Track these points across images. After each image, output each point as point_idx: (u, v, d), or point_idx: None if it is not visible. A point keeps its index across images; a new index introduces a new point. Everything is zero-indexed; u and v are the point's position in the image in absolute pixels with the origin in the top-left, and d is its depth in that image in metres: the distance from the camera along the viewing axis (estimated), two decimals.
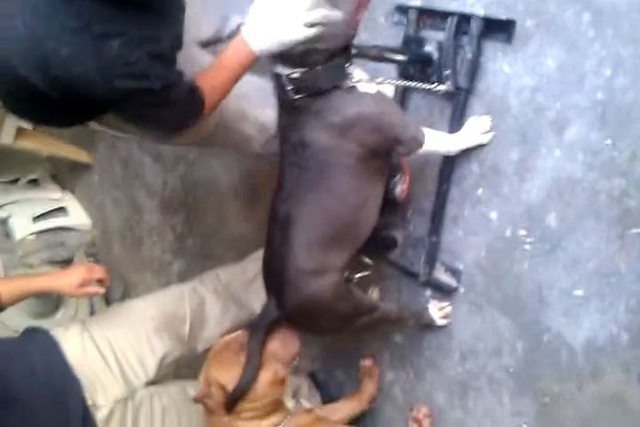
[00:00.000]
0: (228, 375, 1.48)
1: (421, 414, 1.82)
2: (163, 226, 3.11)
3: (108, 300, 3.46)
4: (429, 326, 1.77)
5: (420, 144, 1.49)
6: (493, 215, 1.60)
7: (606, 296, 1.39)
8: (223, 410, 1.49)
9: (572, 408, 1.50)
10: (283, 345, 1.53)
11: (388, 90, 1.71)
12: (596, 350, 1.43)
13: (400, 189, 1.68)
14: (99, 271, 1.71)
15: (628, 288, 1.35)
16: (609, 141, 1.35)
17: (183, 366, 1.97)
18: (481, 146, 1.59)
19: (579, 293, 1.44)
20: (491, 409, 1.68)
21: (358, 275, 1.65)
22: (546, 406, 1.55)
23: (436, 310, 1.73)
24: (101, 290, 1.73)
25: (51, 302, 3.33)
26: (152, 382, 1.78)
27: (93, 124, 1.56)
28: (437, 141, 1.54)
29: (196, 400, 1.52)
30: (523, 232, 1.54)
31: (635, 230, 1.33)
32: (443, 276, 1.73)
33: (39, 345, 1.62)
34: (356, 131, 1.37)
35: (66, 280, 1.65)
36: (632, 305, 1.35)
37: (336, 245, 1.46)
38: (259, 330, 1.51)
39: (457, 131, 1.58)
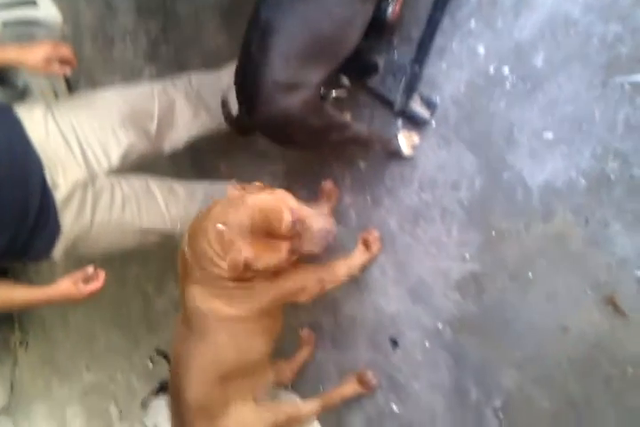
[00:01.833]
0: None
1: (372, 237, 1.94)
2: (137, 29, 2.95)
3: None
4: (394, 155, 1.81)
5: None
6: (481, 50, 1.58)
7: (574, 142, 1.44)
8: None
9: (516, 244, 1.62)
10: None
11: None
12: (552, 192, 1.51)
13: (392, 9, 1.62)
14: (66, 50, 1.67)
15: (597, 136, 1.40)
16: None
17: (148, 169, 1.99)
18: None
19: (549, 136, 1.48)
20: (438, 238, 1.80)
21: (334, 93, 1.64)
22: (491, 240, 1.67)
23: (405, 140, 1.77)
24: (67, 71, 1.69)
25: (16, 93, 3.26)
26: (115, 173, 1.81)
27: None
28: None
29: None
30: (506, 70, 1.54)
31: (618, 79, 1.35)
32: (418, 107, 1.73)
33: (0, 121, 1.61)
34: None
35: (32, 54, 1.61)
36: (597, 153, 1.41)
37: (315, 60, 1.43)
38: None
39: None
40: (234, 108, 1.57)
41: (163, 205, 1.89)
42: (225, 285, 1.58)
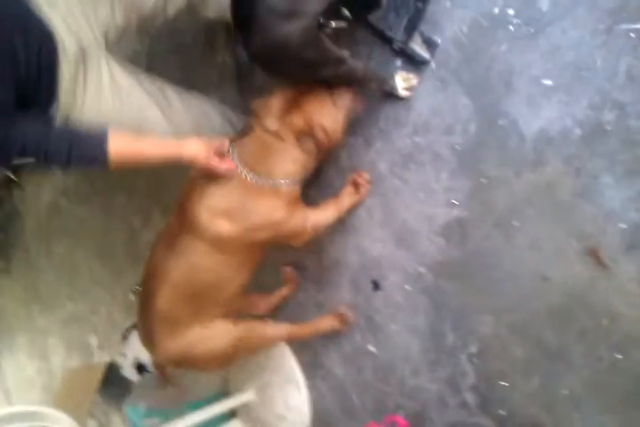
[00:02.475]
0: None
1: (362, 179, 1.95)
2: None
3: None
4: (390, 95, 1.80)
5: None
6: None
7: (573, 90, 1.45)
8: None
9: (505, 192, 1.64)
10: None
11: None
12: (545, 141, 1.52)
13: None
14: None
15: (597, 84, 1.40)
16: None
17: None
18: None
19: (548, 82, 1.48)
20: (427, 183, 1.81)
21: (333, 24, 1.62)
22: (480, 187, 1.69)
23: (402, 81, 1.76)
24: None
25: None
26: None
27: None
28: None
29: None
30: (511, 11, 1.52)
31: (624, 26, 1.34)
32: (418, 47, 1.72)
33: None
34: None
35: None
36: (595, 102, 1.41)
37: None
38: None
39: None
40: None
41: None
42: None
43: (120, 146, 1.57)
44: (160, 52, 2.78)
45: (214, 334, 1.87)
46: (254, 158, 1.71)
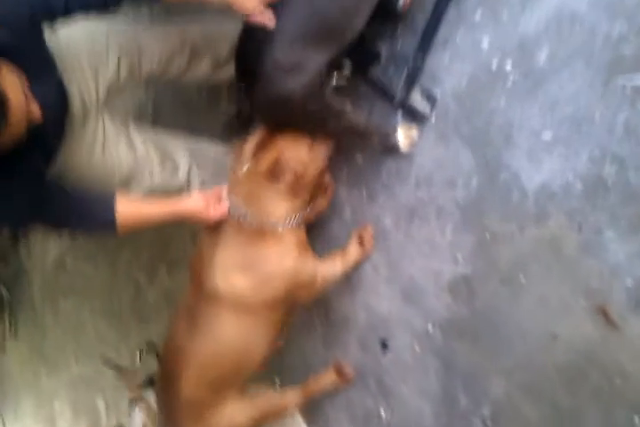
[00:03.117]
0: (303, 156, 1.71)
1: (367, 233, 1.98)
2: None
3: None
4: (392, 150, 1.84)
5: None
6: (485, 43, 1.62)
7: (573, 143, 1.47)
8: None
9: (509, 247, 1.65)
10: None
11: None
12: (548, 196, 1.54)
13: (403, 1, 1.67)
14: None
15: (596, 138, 1.43)
16: None
17: None
18: None
19: (547, 136, 1.51)
20: (431, 238, 1.83)
21: (335, 80, 1.69)
22: (485, 242, 1.70)
23: (404, 134, 1.80)
24: None
25: None
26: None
27: None
28: None
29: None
30: (509, 66, 1.57)
31: (621, 80, 1.37)
32: (418, 101, 1.77)
33: None
34: None
35: None
36: (595, 156, 1.43)
37: (318, 43, 1.48)
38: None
39: None
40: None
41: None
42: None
43: (126, 210, 1.65)
44: (165, 102, 2.88)
45: (235, 413, 1.88)
46: (246, 202, 1.74)
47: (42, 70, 1.53)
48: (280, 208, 1.74)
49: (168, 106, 2.86)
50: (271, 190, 1.72)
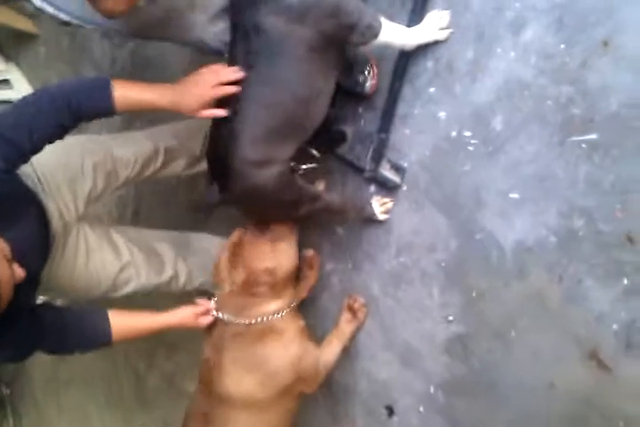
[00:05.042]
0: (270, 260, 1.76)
1: (357, 304, 1.97)
2: None
3: None
4: (370, 220, 1.87)
5: (376, 34, 1.51)
6: (442, 115, 1.66)
7: (540, 200, 1.50)
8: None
9: (496, 304, 1.65)
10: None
11: None
12: (525, 251, 1.55)
13: (370, 84, 1.73)
14: None
15: (561, 194, 1.46)
16: (563, 46, 1.40)
17: None
18: (438, 42, 1.62)
19: (514, 195, 1.54)
20: (420, 300, 1.83)
21: (304, 166, 1.72)
22: (472, 300, 1.70)
23: (378, 206, 1.83)
24: None
25: None
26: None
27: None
28: (394, 33, 1.55)
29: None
30: (468, 133, 1.61)
31: (575, 138, 1.41)
32: (387, 172, 1.80)
33: None
34: (313, 15, 1.38)
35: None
36: (563, 210, 1.46)
37: (283, 138, 1.51)
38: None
39: (416, 24, 1.60)
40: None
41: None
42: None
43: (119, 329, 1.68)
44: (145, 193, 2.90)
45: None
46: (237, 314, 1.79)
47: (21, 210, 1.54)
48: (270, 308, 1.78)
49: (148, 197, 2.88)
50: (255, 297, 1.77)
